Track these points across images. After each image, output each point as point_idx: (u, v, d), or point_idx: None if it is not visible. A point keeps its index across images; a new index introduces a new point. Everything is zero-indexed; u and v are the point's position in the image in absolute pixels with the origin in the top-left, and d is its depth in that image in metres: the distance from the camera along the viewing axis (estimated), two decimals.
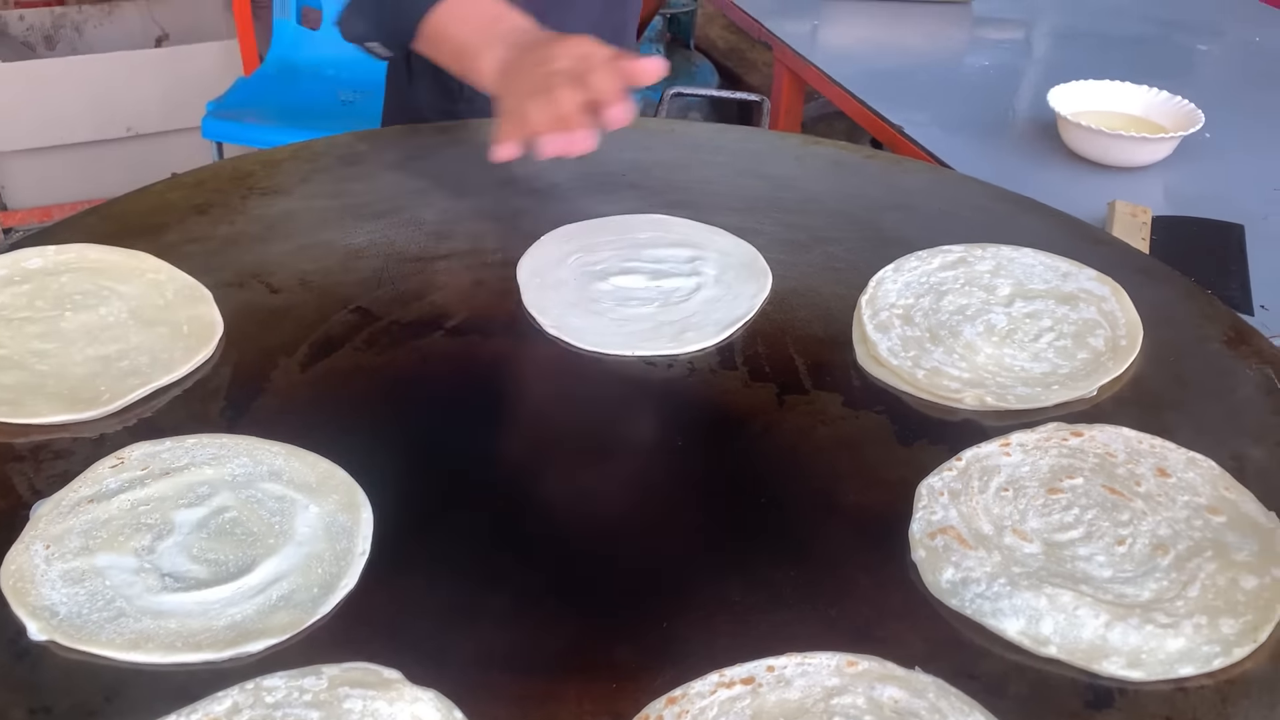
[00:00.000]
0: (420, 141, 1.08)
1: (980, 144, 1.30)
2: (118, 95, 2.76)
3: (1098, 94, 1.30)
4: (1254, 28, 1.69)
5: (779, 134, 1.11)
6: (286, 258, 0.90)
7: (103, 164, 2.85)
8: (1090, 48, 1.62)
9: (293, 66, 2.60)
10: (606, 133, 0.87)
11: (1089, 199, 1.18)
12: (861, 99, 1.41)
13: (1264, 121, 1.35)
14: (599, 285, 0.89)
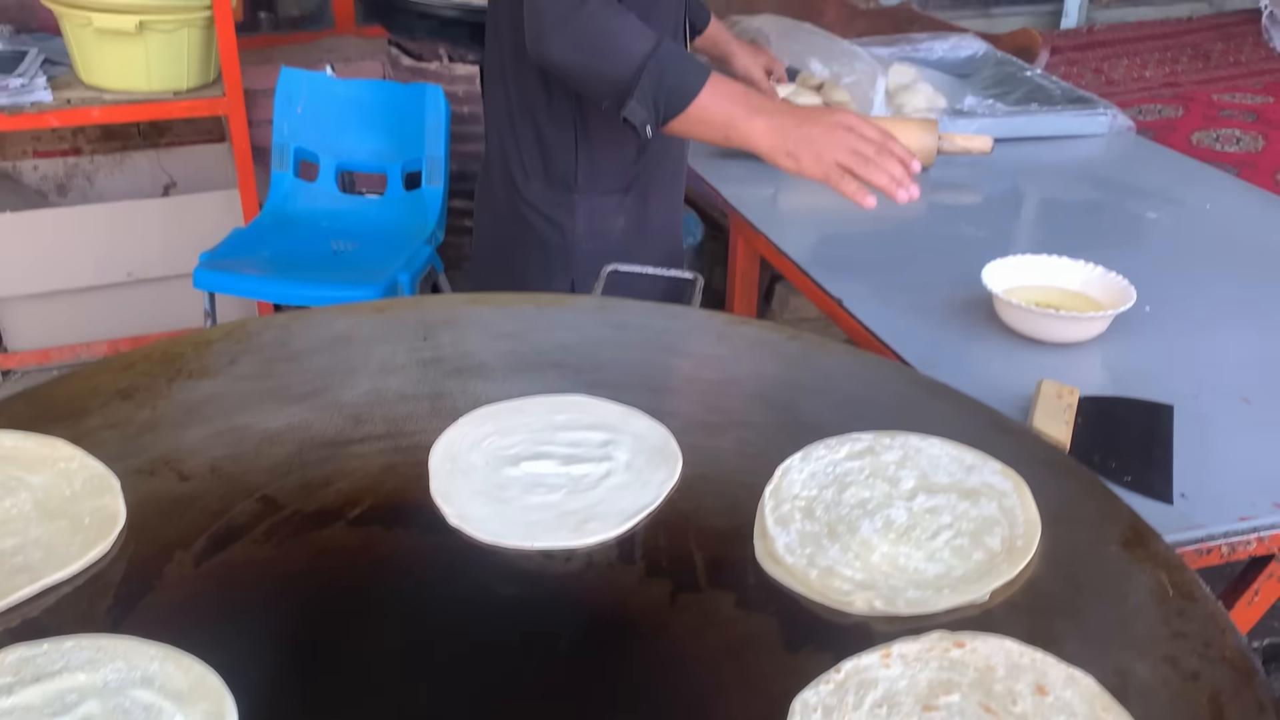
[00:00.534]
0: (353, 319, 1.11)
1: (918, 318, 1.31)
2: (121, 242, 2.85)
3: (1035, 268, 1.32)
4: (1207, 194, 1.72)
5: (706, 312, 1.13)
6: (201, 443, 0.91)
7: (102, 308, 2.92)
8: (1042, 214, 1.66)
9: (288, 217, 2.68)
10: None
11: (1022, 376, 1.18)
12: (805, 270, 1.43)
13: (1204, 295, 1.36)
14: (509, 471, 0.90)
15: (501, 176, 1.55)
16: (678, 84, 1.25)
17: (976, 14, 3.89)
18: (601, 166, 1.49)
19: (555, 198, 1.51)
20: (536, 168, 1.51)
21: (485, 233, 1.66)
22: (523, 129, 1.50)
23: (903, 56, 2.17)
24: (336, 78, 2.77)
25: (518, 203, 1.54)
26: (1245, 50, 3.57)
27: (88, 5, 2.53)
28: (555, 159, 1.49)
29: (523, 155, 1.51)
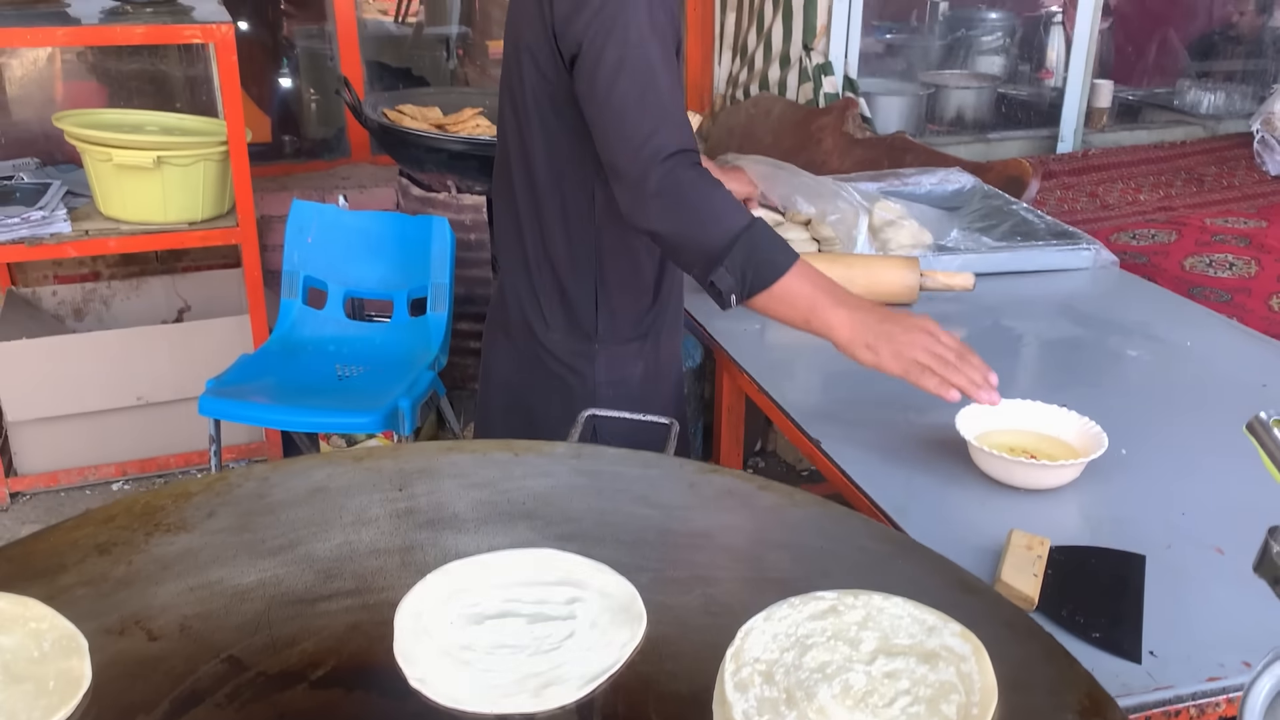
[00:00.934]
0: (332, 469, 1.13)
1: (896, 462, 1.33)
2: (132, 366, 2.91)
3: (1011, 411, 1.34)
4: (1188, 331, 1.74)
5: (678, 460, 1.15)
6: (173, 600, 0.92)
7: (111, 431, 2.97)
8: (1024, 352, 1.68)
9: (295, 343, 2.74)
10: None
11: (996, 522, 1.19)
12: (785, 410, 1.46)
13: (1181, 438, 1.37)
14: (473, 630, 0.91)
15: (519, 321, 1.58)
16: (768, 260, 1.30)
17: (974, 139, 3.99)
18: (620, 317, 1.53)
19: (576, 347, 1.54)
20: (557, 318, 1.54)
21: (500, 367, 1.68)
22: (541, 280, 1.53)
23: (891, 191, 2.23)
24: (345, 209, 2.86)
25: (537, 348, 1.56)
26: (1239, 174, 3.63)
27: (108, 142, 2.64)
28: (576, 310, 1.53)
29: (542, 305, 1.54)
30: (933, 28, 4.98)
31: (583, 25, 1.33)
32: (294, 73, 5.17)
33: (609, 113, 1.34)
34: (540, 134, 1.46)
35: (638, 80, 1.32)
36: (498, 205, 1.61)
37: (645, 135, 1.32)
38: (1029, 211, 2.12)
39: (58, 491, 2.97)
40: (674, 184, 1.32)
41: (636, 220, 1.35)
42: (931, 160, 2.90)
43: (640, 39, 1.33)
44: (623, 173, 1.34)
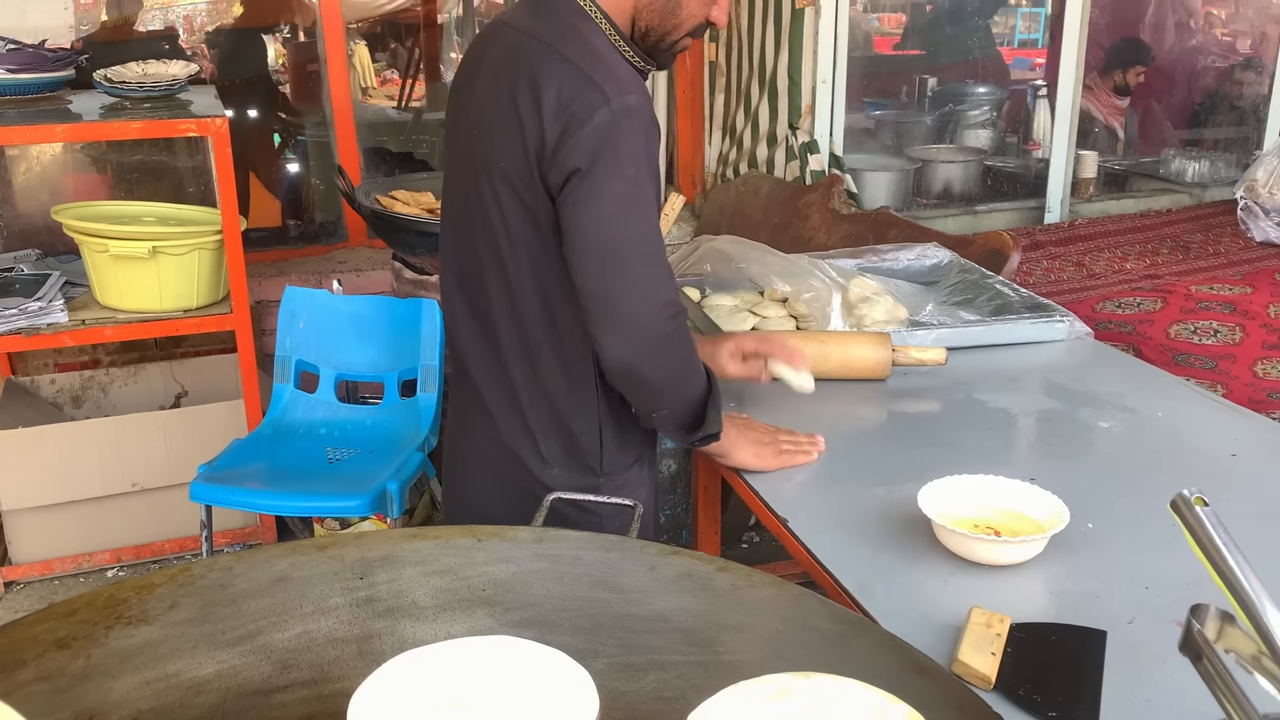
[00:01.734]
0: (295, 559, 1.14)
1: (861, 538, 1.33)
2: (127, 453, 2.93)
3: (975, 486, 1.35)
4: (1160, 402, 1.74)
5: (640, 543, 1.15)
6: (129, 695, 0.93)
7: (106, 518, 2.98)
8: (995, 425, 1.68)
9: (287, 427, 2.76)
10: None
11: (959, 599, 1.19)
12: (753, 487, 1.47)
13: (1147, 511, 1.37)
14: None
15: (506, 454, 1.50)
16: (716, 411, 1.44)
17: (962, 211, 4.04)
18: (623, 444, 1.49)
19: (581, 482, 1.48)
20: (557, 454, 1.47)
21: (479, 502, 1.57)
22: (536, 414, 1.46)
23: (869, 267, 2.26)
24: (339, 294, 2.91)
25: (533, 485, 1.48)
26: (1224, 240, 3.66)
27: (105, 233, 2.70)
28: (580, 445, 1.47)
29: (539, 441, 1.47)
30: (921, 103, 5.08)
31: (574, 153, 1.29)
32: (301, 158, 5.30)
33: (607, 250, 1.30)
34: (526, 263, 1.39)
35: (637, 218, 1.31)
36: (465, 332, 1.51)
37: (652, 280, 1.31)
38: (1004, 285, 2.15)
39: (52, 580, 2.98)
40: (676, 334, 1.34)
41: (628, 363, 1.33)
42: (914, 235, 2.94)
43: (637, 174, 1.30)
44: (621, 314, 1.31)
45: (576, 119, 1.29)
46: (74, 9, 5.89)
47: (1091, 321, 2.95)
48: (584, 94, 1.30)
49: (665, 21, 1.41)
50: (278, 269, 3.68)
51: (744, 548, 2.94)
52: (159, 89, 2.92)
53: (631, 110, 1.30)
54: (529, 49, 1.37)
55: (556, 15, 1.38)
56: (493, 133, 1.37)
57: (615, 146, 1.29)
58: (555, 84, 1.31)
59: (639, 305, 1.31)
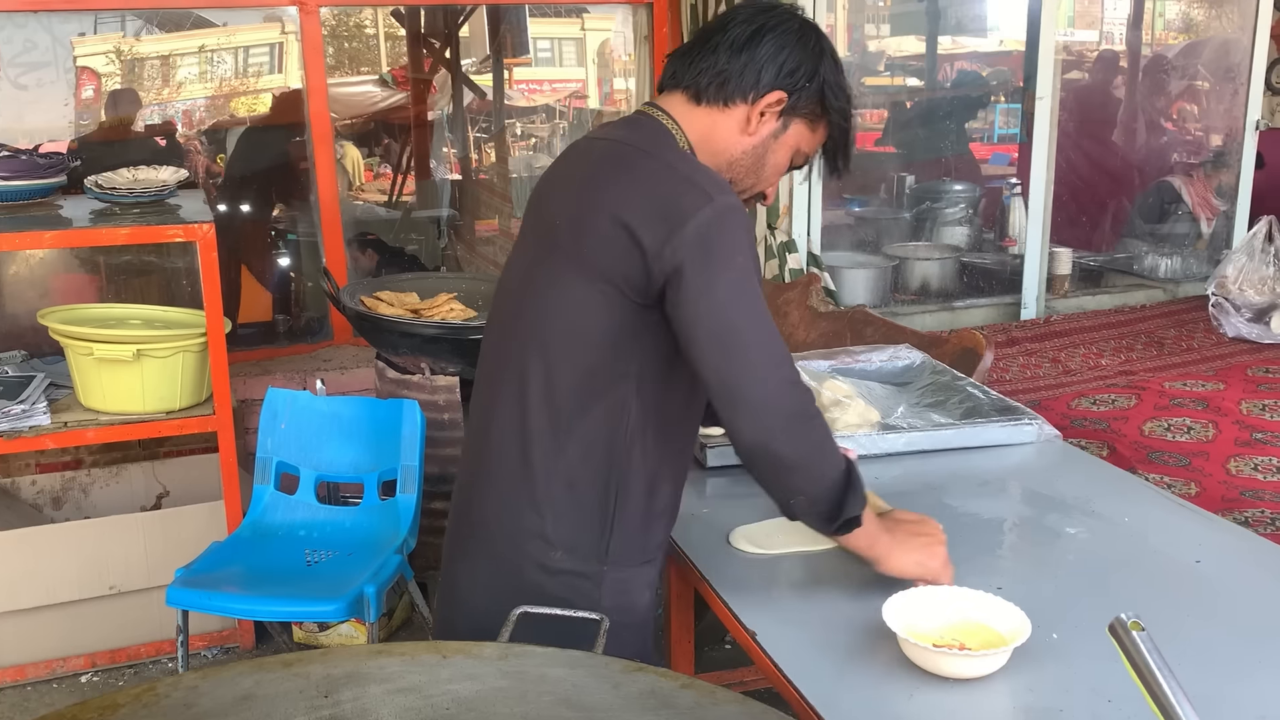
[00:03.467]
0: (260, 676, 1.14)
1: (829, 652, 1.34)
2: (106, 556, 2.92)
3: (941, 598, 1.36)
4: (1126, 506, 1.76)
5: (605, 659, 1.16)
6: None
7: (83, 621, 2.95)
8: (962, 531, 1.69)
9: (266, 529, 2.76)
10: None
11: (924, 714, 1.20)
12: (724, 598, 1.48)
13: (1110, 620, 1.37)
14: None
15: (507, 534, 1.49)
16: (860, 496, 1.42)
17: (939, 307, 4.11)
18: (633, 539, 1.48)
19: (583, 568, 1.46)
20: (563, 537, 1.46)
21: (471, 587, 1.56)
22: (549, 498, 1.45)
23: (842, 369, 2.30)
24: (322, 394, 2.93)
25: (531, 569, 1.47)
26: (1197, 336, 3.73)
27: (89, 337, 2.73)
28: (587, 530, 1.46)
29: (545, 520, 1.46)
30: (900, 200, 5.19)
31: (681, 251, 1.33)
32: (292, 254, 5.37)
33: (732, 338, 1.34)
34: (579, 351, 1.42)
35: (750, 304, 1.35)
36: (491, 414, 1.51)
37: (774, 360, 1.35)
38: (975, 387, 2.18)
39: (24, 686, 2.93)
40: (810, 411, 1.37)
41: (768, 441, 1.35)
42: (891, 333, 2.99)
43: (745, 264, 1.35)
44: (755, 395, 1.34)
45: (683, 217, 1.34)
46: (74, 106, 6.04)
47: (1067, 419, 2.98)
48: (689, 194, 1.36)
49: (747, 178, 1.50)
50: (262, 368, 3.70)
51: (726, 649, 2.91)
52: (148, 194, 2.98)
53: (734, 207, 1.37)
54: (627, 154, 1.44)
55: (652, 133, 1.47)
56: (582, 226, 1.42)
57: (721, 240, 1.34)
58: (658, 186, 1.39)
59: (765, 385, 1.35)
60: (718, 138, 1.47)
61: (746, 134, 1.47)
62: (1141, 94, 5.74)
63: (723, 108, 1.46)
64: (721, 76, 1.45)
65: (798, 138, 1.49)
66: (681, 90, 1.48)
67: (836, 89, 1.48)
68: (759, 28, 1.45)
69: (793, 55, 1.45)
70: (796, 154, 1.52)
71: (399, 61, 8.25)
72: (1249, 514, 2.40)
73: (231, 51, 7.82)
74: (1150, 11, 6.94)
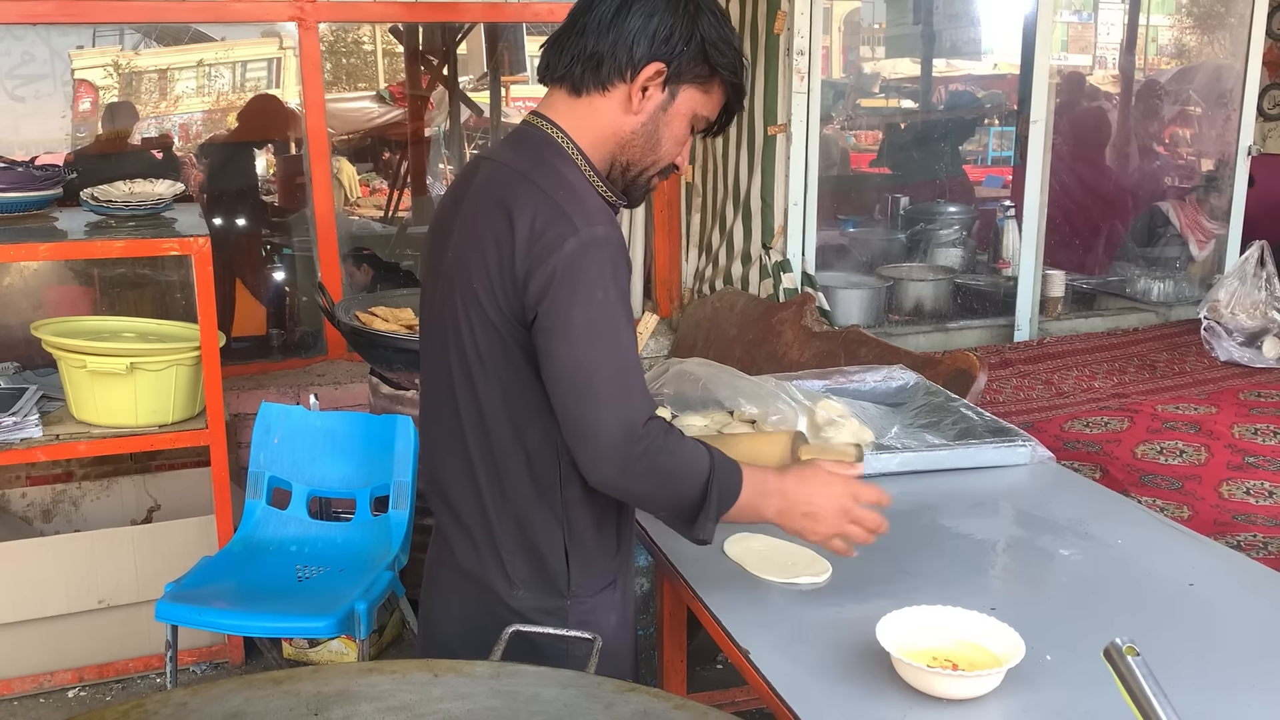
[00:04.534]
0: (250, 693, 1.14)
1: (822, 672, 1.34)
2: (95, 570, 2.90)
3: (934, 618, 1.36)
4: (1120, 529, 1.77)
5: (597, 679, 1.16)
6: None
7: (71, 635, 2.93)
8: (956, 552, 1.70)
9: (258, 544, 2.75)
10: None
11: None
12: (716, 615, 1.47)
13: (1103, 642, 1.36)
14: None
15: (472, 573, 1.49)
16: (728, 489, 1.40)
17: (933, 328, 4.11)
18: (591, 565, 1.47)
19: (547, 604, 1.46)
20: (523, 574, 1.46)
21: (446, 627, 1.56)
22: (504, 535, 1.45)
23: (837, 389, 2.30)
24: (315, 409, 2.92)
25: (496, 608, 1.47)
26: (1190, 359, 3.74)
27: (83, 349, 2.72)
28: (546, 566, 1.45)
29: (505, 562, 1.46)
30: (895, 221, 5.21)
31: (544, 285, 1.32)
32: (288, 268, 5.36)
33: (579, 377, 1.33)
34: (496, 388, 1.41)
35: (604, 343, 1.33)
36: (438, 448, 1.52)
37: (620, 403, 1.33)
38: (969, 408, 2.19)
39: (11, 700, 2.91)
40: (653, 449, 1.34)
41: (611, 483, 1.36)
42: (884, 353, 2.99)
43: (605, 299, 1.33)
44: (596, 438, 1.33)
45: (548, 249, 1.33)
46: (71, 118, 6.03)
47: (1060, 441, 2.99)
48: (555, 224, 1.34)
49: (645, 157, 1.46)
50: (256, 381, 3.69)
51: (718, 668, 2.90)
52: (144, 208, 2.98)
53: (599, 240, 1.34)
54: (505, 178, 1.42)
55: (535, 150, 1.44)
56: (468, 257, 1.41)
57: (582, 274, 1.33)
58: (529, 214, 1.36)
59: (611, 430, 1.33)
60: (603, 124, 1.43)
61: (632, 113, 1.42)
62: (1135, 118, 5.78)
63: (603, 93, 1.41)
64: (594, 60, 1.40)
65: (691, 103, 1.43)
66: (559, 84, 1.45)
67: (721, 45, 1.40)
68: (624, 0, 1.39)
69: (664, 21, 1.38)
70: (695, 119, 1.45)
71: (397, 78, 8.27)
72: (1241, 538, 2.40)
73: (229, 66, 7.84)
74: (1143, 36, 7.00)
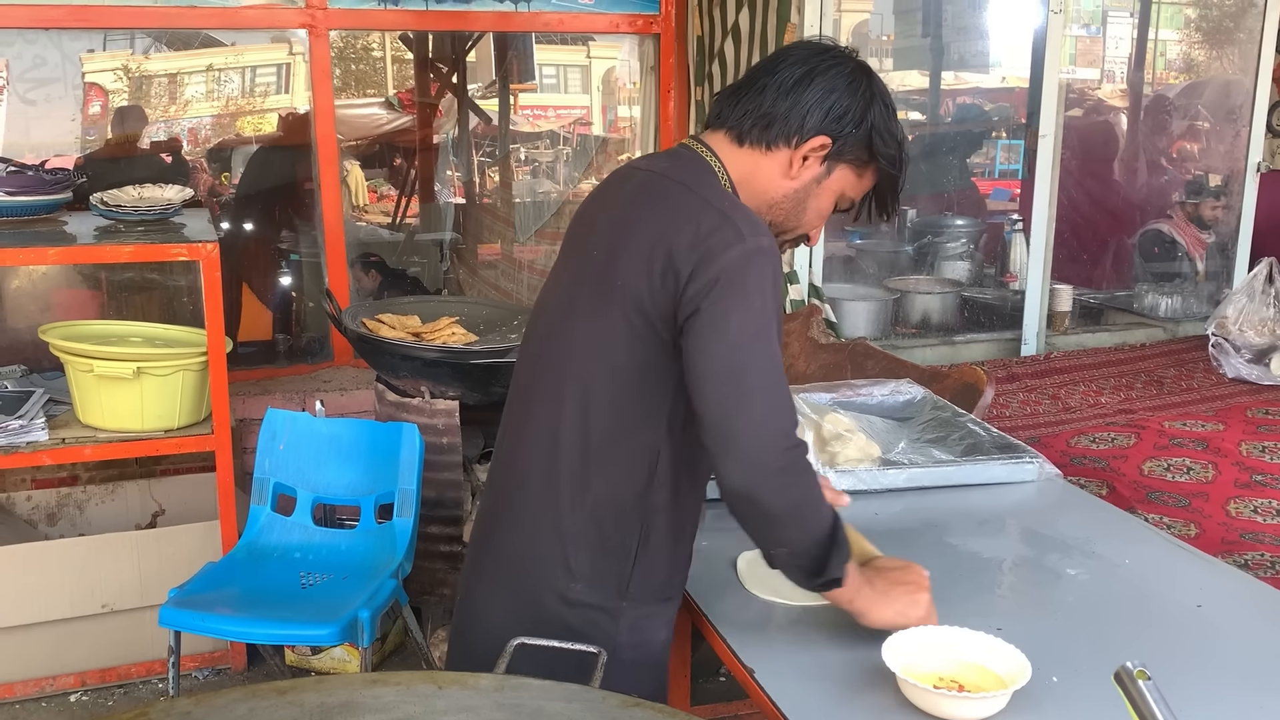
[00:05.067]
0: (255, 704, 1.13)
1: (827, 693, 1.33)
2: (99, 574, 2.90)
3: (940, 638, 1.35)
4: (1127, 548, 1.76)
5: (601, 693, 1.15)
6: None
7: (74, 640, 2.93)
8: (962, 571, 1.69)
9: (262, 550, 2.74)
10: None
11: None
12: (721, 633, 1.47)
13: (1111, 664, 1.35)
14: None
15: (533, 565, 1.49)
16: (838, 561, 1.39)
17: (940, 341, 4.11)
18: (654, 575, 1.47)
19: (602, 602, 1.46)
20: (585, 567, 1.45)
21: (491, 612, 1.55)
22: (574, 531, 1.45)
23: (843, 402, 2.30)
24: (321, 415, 2.92)
25: (549, 598, 1.47)
26: (1197, 375, 3.73)
27: (89, 353, 2.73)
28: (612, 564, 1.45)
29: (568, 551, 1.45)
30: (902, 234, 5.21)
31: (705, 286, 1.33)
32: (295, 274, 5.38)
33: (736, 375, 1.33)
34: (614, 385, 1.42)
35: (761, 348, 1.34)
36: (524, 431, 1.52)
37: (775, 410, 1.34)
38: (976, 424, 2.18)
39: (13, 704, 2.90)
40: (799, 466, 1.35)
41: (751, 487, 1.34)
42: (891, 365, 2.99)
43: (764, 307, 1.34)
44: (746, 438, 1.32)
45: (712, 253, 1.34)
46: (81, 122, 6.05)
47: (1066, 456, 2.98)
48: (722, 230, 1.36)
49: (788, 220, 1.49)
50: (262, 387, 3.70)
51: (721, 680, 2.90)
52: (153, 213, 2.98)
53: (765, 250, 1.36)
54: (667, 187, 1.45)
55: (694, 168, 1.47)
56: (617, 256, 1.43)
57: (744, 280, 1.34)
58: (695, 220, 1.38)
59: (760, 434, 1.33)
60: (759, 179, 1.46)
61: (788, 178, 1.46)
62: (1143, 132, 5.78)
63: (765, 150, 1.45)
64: (766, 119, 1.44)
65: (842, 182, 1.48)
66: (725, 130, 1.48)
67: (886, 135, 1.46)
68: (809, 70, 1.43)
69: (841, 100, 1.43)
70: (841, 198, 1.50)
71: (405, 84, 8.29)
72: (1249, 556, 2.39)
73: (239, 71, 7.87)
74: (1151, 52, 7.00)
